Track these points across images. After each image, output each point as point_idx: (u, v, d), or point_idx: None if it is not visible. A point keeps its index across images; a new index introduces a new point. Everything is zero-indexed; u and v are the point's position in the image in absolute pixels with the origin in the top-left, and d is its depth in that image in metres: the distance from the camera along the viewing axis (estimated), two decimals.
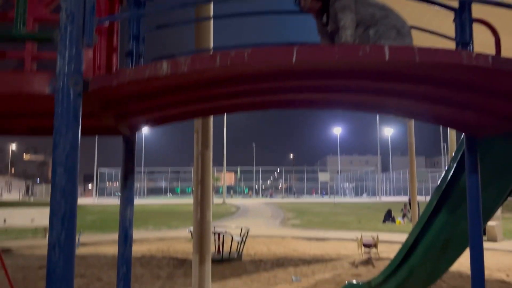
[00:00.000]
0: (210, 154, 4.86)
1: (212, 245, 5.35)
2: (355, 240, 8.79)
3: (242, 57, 1.58)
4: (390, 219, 16.84)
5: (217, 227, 9.41)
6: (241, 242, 8.48)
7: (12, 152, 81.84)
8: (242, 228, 9.13)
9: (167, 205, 31.91)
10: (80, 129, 1.59)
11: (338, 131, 60.60)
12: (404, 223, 16.19)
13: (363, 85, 2.21)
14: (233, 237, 8.37)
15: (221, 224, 12.39)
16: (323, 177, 48.13)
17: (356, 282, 5.32)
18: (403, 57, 1.65)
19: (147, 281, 6.42)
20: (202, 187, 4.77)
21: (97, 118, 2.07)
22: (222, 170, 41.99)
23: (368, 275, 6.69)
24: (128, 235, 2.45)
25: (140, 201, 39.80)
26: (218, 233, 8.49)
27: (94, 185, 52.56)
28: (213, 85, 2.05)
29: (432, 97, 2.29)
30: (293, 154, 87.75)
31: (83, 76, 1.64)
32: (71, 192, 1.54)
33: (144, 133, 54.53)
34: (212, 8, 4.83)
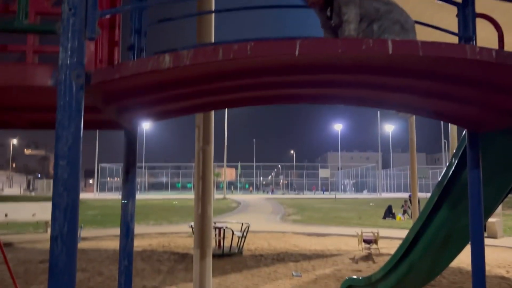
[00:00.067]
0: (211, 149, 4.86)
1: (213, 240, 5.37)
2: (356, 236, 8.81)
3: (245, 50, 1.58)
4: (390, 215, 16.86)
5: (218, 222, 9.44)
6: (241, 237, 8.50)
7: (13, 147, 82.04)
8: (242, 223, 9.16)
9: (167, 200, 31.98)
10: (82, 122, 1.59)
11: (339, 127, 60.65)
12: (404, 219, 16.21)
13: (366, 80, 2.20)
14: (233, 232, 8.39)
15: (222, 220, 12.42)
16: (323, 173, 48.11)
17: (356, 277, 5.33)
18: (407, 50, 1.64)
19: (148, 275, 6.44)
20: (203, 182, 4.78)
21: (99, 111, 2.07)
22: (223, 166, 42.07)
23: (368, 270, 6.72)
24: (129, 228, 2.45)
25: (141, 196, 39.90)
26: (219, 228, 8.52)
27: (95, 180, 52.66)
28: (216, 78, 2.04)
29: (434, 92, 2.28)
30: (293, 150, 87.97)
31: (85, 69, 1.63)
32: (73, 185, 1.54)
33: (145, 128, 54.61)
34: (214, 1, 4.82)
